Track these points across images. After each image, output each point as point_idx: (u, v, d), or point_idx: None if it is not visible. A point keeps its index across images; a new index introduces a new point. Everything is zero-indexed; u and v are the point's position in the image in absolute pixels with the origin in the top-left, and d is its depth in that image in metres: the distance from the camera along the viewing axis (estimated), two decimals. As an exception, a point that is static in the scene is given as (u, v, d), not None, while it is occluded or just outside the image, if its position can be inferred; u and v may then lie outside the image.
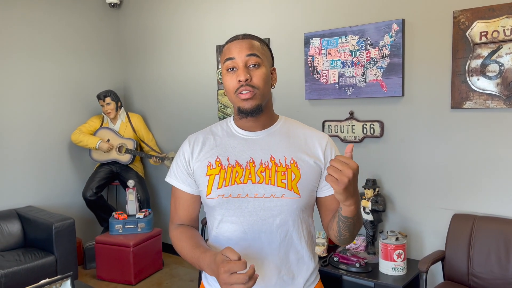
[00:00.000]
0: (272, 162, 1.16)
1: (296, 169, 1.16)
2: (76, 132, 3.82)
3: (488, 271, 2.25)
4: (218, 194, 1.15)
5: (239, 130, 1.22)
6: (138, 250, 3.42)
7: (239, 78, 1.12)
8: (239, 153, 1.18)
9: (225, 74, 1.16)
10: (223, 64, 1.16)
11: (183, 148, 1.25)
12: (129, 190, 3.65)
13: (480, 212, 2.43)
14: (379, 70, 2.69)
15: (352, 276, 2.48)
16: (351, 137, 2.87)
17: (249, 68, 1.14)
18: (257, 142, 1.20)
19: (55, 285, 1.89)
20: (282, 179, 1.14)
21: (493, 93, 2.32)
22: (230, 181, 1.15)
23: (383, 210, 2.61)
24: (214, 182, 1.16)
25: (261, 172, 1.15)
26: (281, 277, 1.15)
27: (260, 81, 1.14)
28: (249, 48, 1.14)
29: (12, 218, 3.35)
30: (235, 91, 1.13)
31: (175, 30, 3.91)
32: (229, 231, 1.16)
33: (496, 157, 2.37)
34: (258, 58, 1.14)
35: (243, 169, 1.16)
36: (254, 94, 1.13)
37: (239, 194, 1.14)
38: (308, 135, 1.23)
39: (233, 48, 1.15)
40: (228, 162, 1.17)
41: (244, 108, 1.14)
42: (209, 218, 1.23)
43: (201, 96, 3.77)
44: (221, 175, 1.16)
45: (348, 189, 0.96)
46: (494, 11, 2.29)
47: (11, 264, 2.88)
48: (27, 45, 3.66)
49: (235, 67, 1.14)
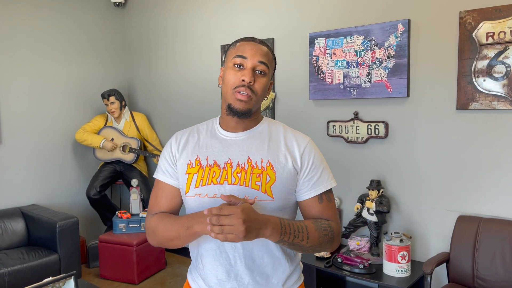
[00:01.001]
0: (249, 164, 1.17)
1: (272, 171, 1.16)
2: (80, 131, 3.83)
3: (493, 274, 2.23)
4: (195, 193, 1.17)
5: (221, 131, 1.24)
6: (141, 249, 3.43)
7: (244, 78, 1.13)
8: (218, 153, 1.20)
9: (230, 68, 1.17)
10: (232, 58, 1.17)
11: (171, 142, 1.27)
12: (133, 189, 3.66)
13: (485, 214, 2.42)
14: (384, 71, 2.67)
15: (356, 278, 2.47)
16: (355, 138, 2.86)
17: (255, 73, 1.16)
18: (236, 143, 1.21)
19: (58, 283, 1.89)
20: (256, 181, 1.15)
21: (500, 94, 2.31)
22: (207, 181, 1.17)
23: (388, 211, 2.60)
24: (192, 181, 1.18)
25: (237, 173, 1.16)
26: (254, 277, 1.17)
27: (260, 89, 1.16)
28: (262, 56, 1.17)
29: (16, 217, 3.36)
30: (234, 87, 1.15)
31: (179, 29, 3.91)
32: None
33: (502, 159, 2.36)
34: (266, 68, 1.17)
35: (221, 170, 1.17)
36: (250, 99, 1.15)
37: (215, 194, 1.15)
38: (288, 138, 1.23)
39: (248, 48, 1.16)
40: (207, 162, 1.19)
41: (235, 108, 1.16)
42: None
43: (205, 95, 3.76)
44: (199, 174, 1.18)
45: (250, 232, 0.99)
46: (501, 11, 2.27)
47: (14, 262, 2.89)
48: (32, 44, 3.67)
49: (243, 65, 1.15)
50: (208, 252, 1.18)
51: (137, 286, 3.41)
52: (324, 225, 1.17)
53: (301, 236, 1.10)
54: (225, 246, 1.16)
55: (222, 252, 1.16)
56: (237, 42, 1.21)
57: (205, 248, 1.19)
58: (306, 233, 1.11)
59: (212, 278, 1.18)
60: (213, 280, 1.18)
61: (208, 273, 1.19)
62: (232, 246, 1.15)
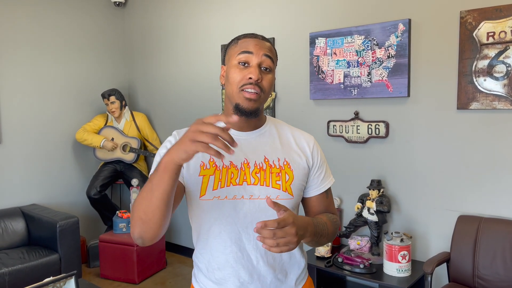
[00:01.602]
0: (266, 164, 1.15)
1: (290, 170, 1.16)
2: (80, 131, 3.83)
3: (493, 273, 2.23)
4: (213, 196, 1.12)
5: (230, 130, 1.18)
6: (141, 249, 3.43)
7: (251, 75, 1.09)
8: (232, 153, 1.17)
9: (234, 66, 1.12)
10: (236, 56, 1.12)
11: (171, 140, 1.18)
12: (133, 189, 3.66)
13: (486, 213, 2.42)
14: (384, 70, 2.67)
15: (356, 277, 2.47)
16: (356, 138, 2.86)
17: (261, 70, 1.12)
18: (249, 142, 1.18)
19: (59, 283, 1.89)
20: (276, 180, 1.14)
21: (500, 94, 2.31)
22: (226, 182, 1.12)
23: (388, 211, 2.60)
24: (209, 183, 1.12)
25: (255, 173, 1.14)
26: (276, 275, 1.16)
27: (267, 85, 1.13)
28: (267, 50, 1.14)
29: (17, 216, 3.36)
30: (241, 85, 1.10)
31: (180, 29, 3.91)
32: (224, 233, 1.13)
33: (502, 159, 2.36)
34: (271, 63, 1.14)
35: (238, 170, 1.14)
36: (258, 97, 1.11)
37: (234, 196, 1.12)
38: (296, 136, 1.24)
39: (252, 44, 1.13)
40: (223, 163, 1.14)
41: (244, 107, 1.11)
42: (199, 219, 1.17)
43: (206, 95, 3.76)
44: (216, 176, 1.13)
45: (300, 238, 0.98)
46: (501, 11, 2.27)
47: (15, 262, 2.89)
48: (32, 44, 3.67)
49: (248, 62, 1.12)
50: (229, 256, 1.13)
51: (138, 285, 3.41)
52: (334, 219, 1.22)
53: (325, 233, 1.13)
54: (246, 247, 1.13)
55: (244, 254, 1.13)
56: (239, 38, 1.17)
57: (224, 252, 1.14)
58: (326, 231, 1.14)
59: (234, 281, 1.14)
60: (235, 283, 1.14)
61: (229, 277, 1.14)
62: (254, 247, 1.13)
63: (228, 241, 1.13)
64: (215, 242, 1.15)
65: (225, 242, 1.13)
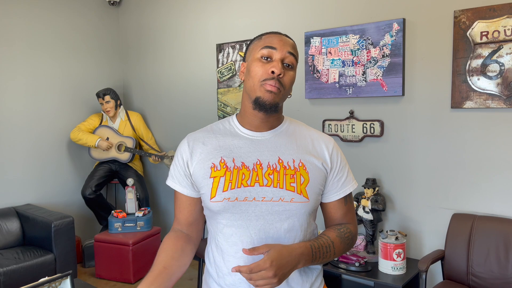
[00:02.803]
0: (280, 165, 1.12)
1: (305, 172, 1.12)
2: (75, 130, 3.82)
3: (487, 271, 2.25)
4: (223, 197, 1.09)
5: (243, 130, 1.17)
6: (137, 249, 3.42)
7: (273, 69, 1.07)
8: (245, 154, 1.13)
9: (256, 60, 1.11)
10: (259, 50, 1.11)
11: (181, 148, 1.18)
12: (128, 188, 3.65)
13: (480, 211, 2.44)
14: (379, 70, 2.69)
15: (352, 275, 2.48)
16: (351, 137, 2.87)
17: (284, 66, 1.10)
18: (263, 143, 1.15)
19: (54, 283, 1.89)
20: (291, 182, 1.10)
21: (494, 93, 2.32)
22: (237, 183, 1.09)
23: (383, 209, 2.61)
24: (219, 185, 1.10)
25: (269, 174, 1.10)
26: (288, 282, 1.12)
27: (288, 82, 1.11)
28: (291, 47, 1.12)
29: (11, 216, 3.35)
30: (262, 79, 1.08)
31: (175, 28, 3.90)
32: (235, 236, 1.10)
33: (496, 157, 2.38)
34: (294, 60, 1.12)
35: (250, 171, 1.10)
36: (279, 91, 1.09)
37: (246, 198, 1.09)
38: (314, 138, 1.20)
39: (276, 40, 1.11)
40: (234, 164, 1.11)
41: (264, 100, 1.08)
42: (211, 222, 1.17)
43: (201, 94, 3.76)
44: (226, 177, 1.10)
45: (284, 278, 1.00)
46: (495, 11, 2.29)
47: (10, 262, 2.88)
48: (27, 43, 3.65)
49: (271, 57, 1.10)
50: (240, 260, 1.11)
51: (133, 285, 3.40)
52: (346, 234, 1.18)
53: (329, 255, 1.12)
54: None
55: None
56: (262, 35, 1.15)
57: (235, 256, 1.11)
58: (333, 251, 1.12)
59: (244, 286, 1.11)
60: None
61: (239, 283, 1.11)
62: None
63: (240, 244, 1.10)
64: (226, 246, 1.12)
65: (236, 245, 1.10)
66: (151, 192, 4.27)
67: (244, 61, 1.19)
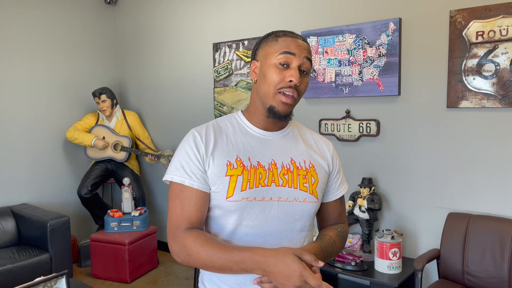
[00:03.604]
0: (293, 165, 1.13)
1: (315, 173, 1.15)
2: (71, 130, 3.80)
3: (482, 270, 2.26)
4: (242, 197, 1.06)
5: (254, 128, 1.15)
6: (133, 248, 3.41)
7: (292, 78, 1.05)
8: (259, 153, 1.12)
9: (273, 66, 1.07)
10: (276, 55, 1.07)
11: (195, 141, 1.10)
12: (125, 188, 3.64)
13: (475, 211, 2.45)
14: (375, 69, 2.69)
15: (348, 275, 2.49)
16: (347, 136, 2.87)
17: (301, 72, 1.08)
18: (275, 142, 1.15)
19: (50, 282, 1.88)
20: (304, 183, 1.12)
21: (489, 92, 2.33)
22: (255, 183, 1.08)
23: (379, 208, 2.62)
24: (237, 184, 1.06)
25: (283, 175, 1.11)
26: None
27: (304, 89, 1.10)
28: (308, 52, 1.10)
29: (7, 216, 3.33)
30: (279, 88, 1.06)
31: (171, 27, 3.90)
32: (249, 235, 1.08)
33: (491, 157, 2.39)
34: (310, 66, 1.11)
35: (266, 171, 1.10)
36: (294, 101, 1.08)
37: (263, 198, 1.08)
38: (316, 139, 1.23)
39: (294, 44, 1.08)
40: (250, 163, 1.09)
41: (278, 111, 1.08)
42: (220, 221, 1.11)
43: (198, 94, 3.76)
44: (244, 176, 1.07)
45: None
46: (490, 11, 2.29)
47: (5, 262, 2.86)
48: (22, 42, 3.63)
49: (289, 63, 1.07)
50: None
51: (130, 285, 3.40)
52: (343, 233, 1.21)
53: (333, 253, 1.13)
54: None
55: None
56: (278, 35, 1.10)
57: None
58: (335, 249, 1.14)
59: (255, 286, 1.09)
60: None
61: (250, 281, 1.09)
62: None
63: (254, 243, 1.08)
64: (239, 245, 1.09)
65: (250, 244, 1.08)
66: (148, 192, 4.26)
67: (254, 59, 1.15)
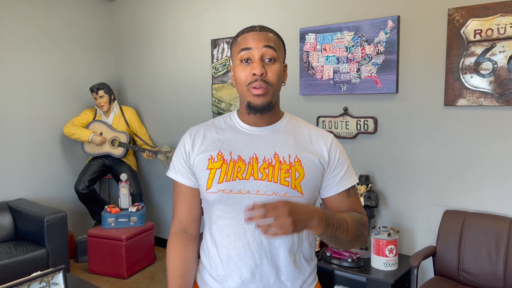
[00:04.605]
0: (276, 159, 1.13)
1: (300, 167, 1.13)
2: (68, 125, 3.79)
3: (478, 267, 2.28)
4: (218, 189, 1.11)
5: (243, 125, 1.19)
6: (130, 244, 3.42)
7: (254, 71, 1.07)
8: (242, 148, 1.15)
9: (238, 65, 1.11)
10: (237, 54, 1.11)
11: (184, 139, 1.22)
12: (122, 183, 3.64)
13: (471, 208, 2.46)
14: (373, 67, 2.69)
15: (344, 271, 2.50)
16: (345, 133, 2.88)
17: (265, 62, 1.09)
18: (261, 138, 1.16)
19: (47, 277, 1.88)
20: (285, 177, 1.11)
21: (486, 91, 2.34)
22: (232, 176, 1.11)
23: (376, 206, 2.63)
24: (215, 176, 1.12)
25: (264, 168, 1.11)
26: (279, 277, 1.13)
27: (274, 77, 1.10)
28: (266, 40, 1.10)
29: (3, 211, 3.32)
30: (247, 84, 1.09)
31: (170, 23, 3.89)
32: (228, 227, 1.12)
33: (487, 155, 2.40)
34: (274, 52, 1.10)
35: (246, 165, 1.12)
36: (267, 91, 1.09)
37: (240, 190, 1.10)
38: (313, 134, 1.20)
39: (250, 38, 1.10)
40: (231, 157, 1.14)
41: (254, 104, 1.10)
42: (207, 214, 1.20)
43: (195, 90, 3.75)
44: (222, 169, 1.12)
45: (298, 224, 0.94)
46: (488, 9, 2.30)
47: (2, 257, 2.86)
48: (20, 37, 3.61)
49: (250, 58, 1.10)
50: (232, 252, 1.13)
51: (126, 280, 3.40)
52: (357, 217, 1.15)
53: (342, 228, 1.07)
54: (250, 245, 1.11)
55: (247, 251, 1.11)
56: (238, 36, 1.15)
57: (228, 248, 1.13)
58: (346, 226, 1.08)
59: (235, 279, 1.13)
60: (236, 281, 1.13)
61: (230, 274, 1.13)
62: (258, 244, 1.11)
63: (233, 236, 1.12)
64: (219, 237, 1.14)
65: (229, 237, 1.12)
66: (145, 188, 4.26)
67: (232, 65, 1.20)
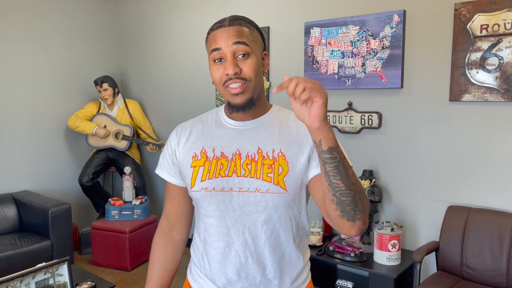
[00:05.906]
0: (259, 155, 1.08)
1: (284, 162, 1.06)
2: (72, 118, 3.81)
3: (481, 263, 2.28)
4: (201, 187, 1.09)
5: (228, 120, 1.14)
6: (134, 237, 3.44)
7: (226, 72, 1.01)
8: (225, 144, 1.11)
9: (211, 65, 1.06)
10: (209, 54, 1.05)
11: (171, 138, 1.21)
12: (126, 176, 3.65)
13: (475, 204, 2.46)
14: (378, 61, 2.68)
15: (347, 266, 2.51)
16: (349, 128, 2.87)
17: (238, 58, 1.02)
18: (245, 132, 1.12)
19: (52, 269, 1.90)
20: (268, 173, 1.06)
21: (492, 86, 2.33)
22: (214, 173, 1.08)
23: (379, 200, 2.63)
24: (198, 174, 1.10)
25: (246, 165, 1.07)
26: (266, 275, 1.10)
27: (251, 72, 1.03)
28: (236, 36, 1.02)
29: (8, 203, 3.35)
30: (223, 83, 1.03)
31: (174, 17, 3.88)
32: (213, 226, 1.10)
33: (492, 150, 2.39)
34: (246, 47, 1.02)
35: (229, 161, 1.09)
36: (245, 87, 1.03)
37: (223, 188, 1.07)
38: (300, 126, 1.11)
39: (219, 36, 1.03)
40: (214, 154, 1.11)
41: (234, 104, 1.05)
42: (196, 211, 1.20)
43: (199, 83, 3.75)
44: (205, 167, 1.10)
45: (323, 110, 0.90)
46: (495, 4, 2.28)
47: (7, 248, 2.89)
48: (24, 31, 3.62)
49: (222, 57, 1.03)
50: (216, 251, 1.10)
51: (130, 272, 3.42)
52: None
53: (348, 164, 0.95)
54: (235, 244, 1.08)
55: (232, 250, 1.08)
56: (208, 34, 1.08)
57: (212, 247, 1.11)
58: (351, 171, 0.95)
59: (221, 278, 1.11)
60: (222, 280, 1.11)
61: (216, 273, 1.11)
62: (243, 243, 1.08)
63: (217, 235, 1.10)
64: (206, 235, 1.13)
65: (213, 236, 1.10)
66: (148, 181, 4.28)
67: None
